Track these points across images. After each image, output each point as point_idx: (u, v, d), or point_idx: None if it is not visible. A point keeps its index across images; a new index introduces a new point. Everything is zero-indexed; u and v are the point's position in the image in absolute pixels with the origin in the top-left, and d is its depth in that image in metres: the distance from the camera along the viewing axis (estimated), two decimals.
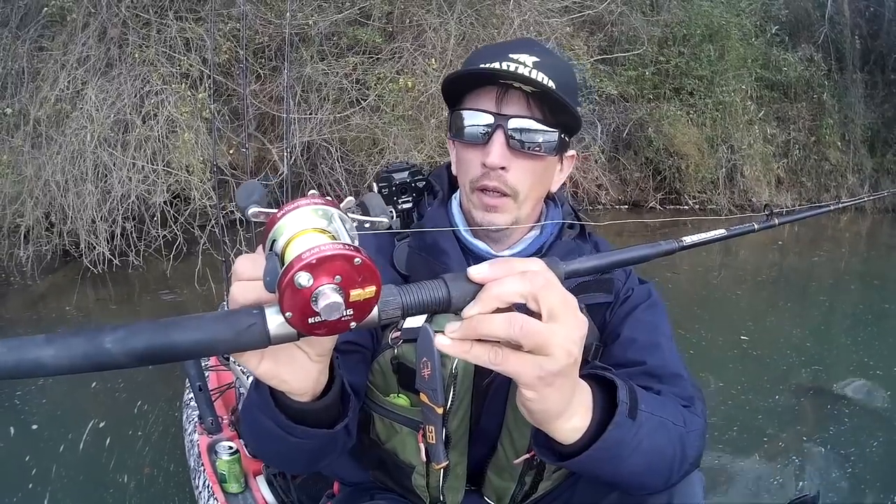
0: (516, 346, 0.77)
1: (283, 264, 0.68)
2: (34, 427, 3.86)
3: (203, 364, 2.98)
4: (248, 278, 0.76)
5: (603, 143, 10.88)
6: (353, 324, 0.70)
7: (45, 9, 7.26)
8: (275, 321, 0.70)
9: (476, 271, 0.77)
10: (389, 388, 1.39)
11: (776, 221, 1.34)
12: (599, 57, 10.47)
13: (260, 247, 0.77)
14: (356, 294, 0.68)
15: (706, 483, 1.28)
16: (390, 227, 1.08)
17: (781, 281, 8.03)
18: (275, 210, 0.75)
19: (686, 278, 7.55)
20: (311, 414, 0.97)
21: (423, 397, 1.31)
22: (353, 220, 0.77)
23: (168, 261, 6.85)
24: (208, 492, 2.32)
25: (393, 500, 1.52)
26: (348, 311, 0.68)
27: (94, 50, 7.29)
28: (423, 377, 1.28)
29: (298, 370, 0.85)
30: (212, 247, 6.34)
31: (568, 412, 0.90)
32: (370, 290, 0.68)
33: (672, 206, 11.88)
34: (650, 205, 11.77)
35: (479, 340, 0.78)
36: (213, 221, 6.45)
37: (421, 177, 1.53)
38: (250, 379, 3.11)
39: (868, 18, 14.75)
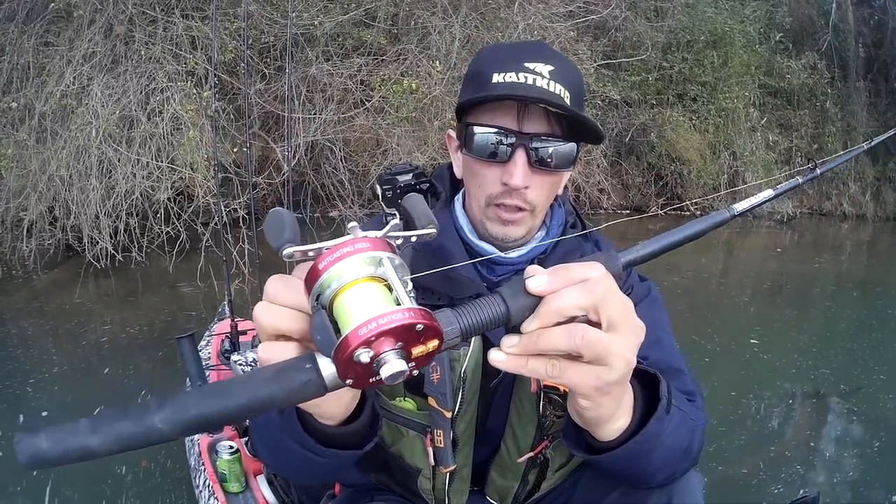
0: (574, 357, 0.76)
1: (332, 319, 0.66)
2: (44, 414, 3.92)
3: (203, 363, 2.99)
4: (281, 303, 0.75)
5: (605, 147, 10.89)
6: (415, 372, 0.66)
7: (52, 4, 7.29)
8: (329, 370, 0.66)
9: (535, 284, 0.73)
10: (396, 391, 1.38)
11: (818, 172, 1.34)
12: (603, 62, 10.48)
13: (297, 268, 0.75)
14: (419, 351, 0.65)
15: (708, 483, 1.29)
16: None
17: (786, 287, 8.05)
18: (314, 247, 0.70)
19: (691, 284, 7.56)
20: (339, 437, 0.97)
21: (432, 401, 1.31)
22: (399, 237, 0.73)
23: (171, 257, 6.86)
24: (209, 491, 2.33)
25: (394, 502, 1.52)
26: (410, 364, 0.65)
27: (101, 46, 7.31)
28: (432, 381, 1.28)
29: (332, 398, 0.81)
30: (214, 244, 6.35)
31: (616, 415, 0.91)
32: (433, 344, 0.65)
33: (673, 212, 11.88)
34: (652, 210, 11.75)
35: (535, 354, 0.76)
36: (215, 219, 6.46)
37: (425, 178, 1.49)
38: None
39: (872, 27, 14.75)
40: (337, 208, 8.68)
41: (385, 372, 0.62)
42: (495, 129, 1.26)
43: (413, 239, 0.76)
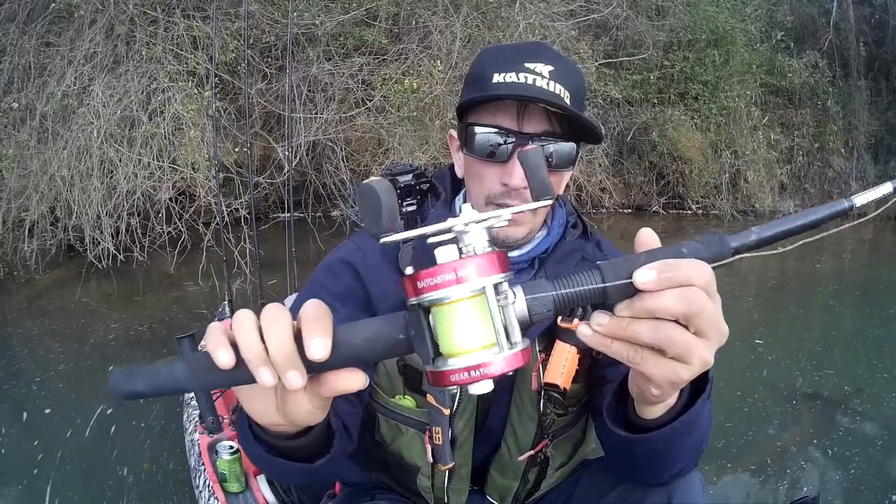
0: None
1: (428, 321, 0.68)
2: (47, 411, 3.94)
3: None
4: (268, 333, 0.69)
5: (607, 146, 10.87)
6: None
7: (53, 4, 7.29)
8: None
9: (643, 279, 0.71)
10: (395, 389, 1.39)
11: None
12: (604, 61, 10.46)
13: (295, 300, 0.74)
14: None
15: (712, 482, 1.29)
16: None
17: (789, 286, 8.03)
18: (414, 234, 0.70)
19: None
20: (291, 449, 0.94)
21: (430, 398, 1.32)
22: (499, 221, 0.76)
23: (172, 257, 6.87)
24: (209, 491, 2.33)
25: (395, 501, 1.52)
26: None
27: (102, 46, 7.31)
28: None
29: (267, 402, 0.78)
30: (216, 244, 6.35)
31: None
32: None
33: (675, 211, 11.86)
34: (653, 209, 11.75)
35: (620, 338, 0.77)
36: (217, 219, 6.48)
37: (425, 179, 1.50)
38: None
39: (873, 25, 14.72)
40: (339, 208, 8.68)
41: (474, 390, 0.66)
42: (495, 129, 1.26)
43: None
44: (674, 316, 0.73)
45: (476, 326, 0.67)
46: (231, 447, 2.36)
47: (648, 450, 1.05)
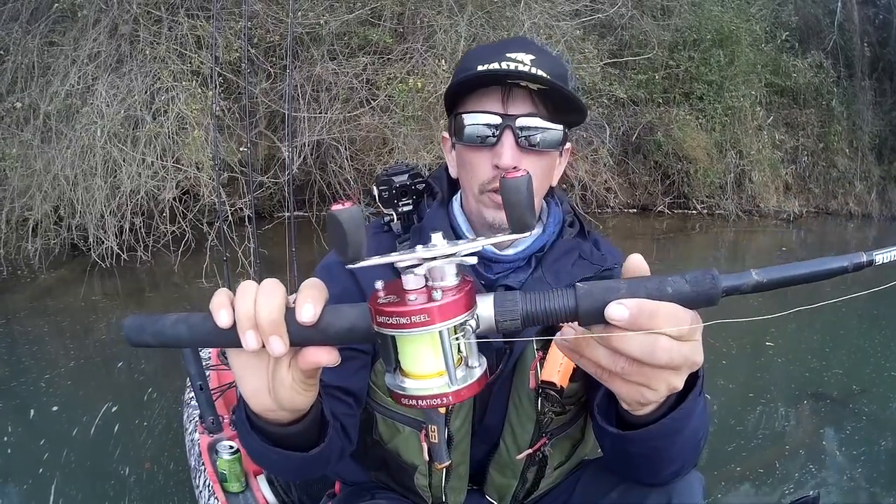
0: None
1: (397, 361, 0.73)
2: (54, 409, 3.96)
3: (204, 363, 2.98)
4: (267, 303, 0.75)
5: (612, 146, 10.84)
6: None
7: (56, 4, 7.29)
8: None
9: (614, 314, 0.68)
10: None
11: None
12: (609, 60, 10.43)
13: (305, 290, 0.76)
14: None
15: (718, 483, 1.29)
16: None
17: (795, 287, 8.04)
18: (380, 261, 0.73)
19: None
20: (286, 438, 0.96)
21: None
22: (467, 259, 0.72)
23: (176, 256, 6.87)
24: (209, 491, 2.32)
25: (394, 500, 1.52)
26: None
27: (105, 46, 7.32)
28: None
29: (260, 380, 0.83)
30: (218, 243, 6.36)
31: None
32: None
33: (680, 211, 11.84)
34: (658, 208, 11.73)
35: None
36: (220, 219, 6.47)
37: (420, 179, 1.52)
38: None
39: (877, 26, 14.73)
40: None
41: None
42: (481, 114, 1.29)
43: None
44: (635, 358, 0.71)
45: (430, 358, 0.70)
46: (231, 447, 2.35)
47: (641, 448, 1.03)
